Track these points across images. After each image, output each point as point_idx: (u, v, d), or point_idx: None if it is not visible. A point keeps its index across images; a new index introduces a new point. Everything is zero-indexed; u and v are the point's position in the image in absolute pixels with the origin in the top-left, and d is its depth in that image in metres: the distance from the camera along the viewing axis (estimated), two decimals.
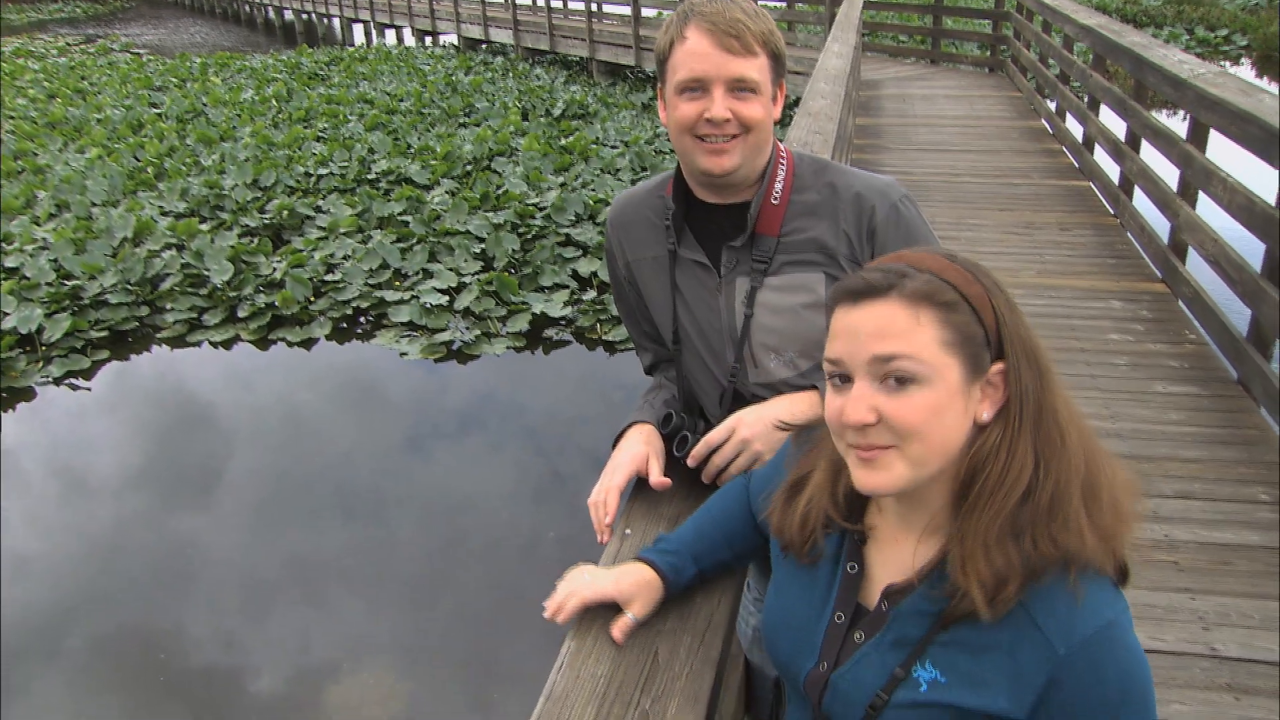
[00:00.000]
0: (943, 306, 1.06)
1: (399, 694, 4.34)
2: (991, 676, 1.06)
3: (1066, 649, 1.02)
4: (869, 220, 1.65)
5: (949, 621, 1.08)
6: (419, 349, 7.46)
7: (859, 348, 1.07)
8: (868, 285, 1.08)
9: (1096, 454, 1.11)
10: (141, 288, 8.36)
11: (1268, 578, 3.32)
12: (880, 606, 1.16)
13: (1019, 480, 1.06)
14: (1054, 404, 1.10)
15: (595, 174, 11.00)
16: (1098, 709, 1.03)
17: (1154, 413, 4.38)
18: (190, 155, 12.33)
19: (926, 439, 1.06)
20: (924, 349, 1.05)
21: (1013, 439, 1.07)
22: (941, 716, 1.09)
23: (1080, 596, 1.03)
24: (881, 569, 1.19)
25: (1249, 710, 2.79)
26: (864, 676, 1.14)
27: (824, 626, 1.20)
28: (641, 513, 1.71)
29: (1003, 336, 1.09)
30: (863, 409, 1.06)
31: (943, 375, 1.05)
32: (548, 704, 1.28)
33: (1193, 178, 5.56)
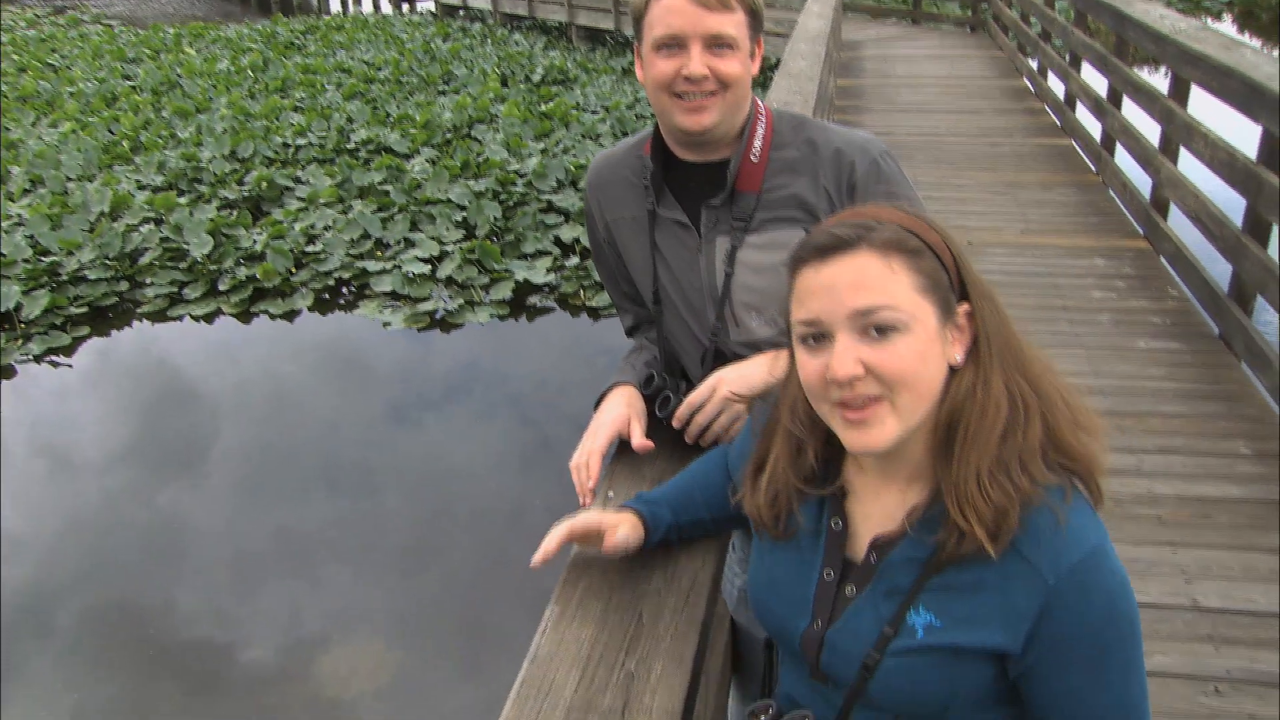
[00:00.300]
0: (911, 253, 1.07)
1: (388, 663, 4.35)
2: (985, 614, 1.07)
3: (1056, 578, 1.04)
4: (849, 176, 1.63)
5: (939, 566, 1.09)
6: (402, 319, 7.42)
7: (837, 303, 1.07)
8: (837, 239, 1.08)
9: (1060, 385, 1.14)
10: (120, 263, 8.27)
11: (1248, 530, 3.36)
12: (869, 559, 1.16)
13: (998, 417, 1.08)
14: (1016, 340, 1.12)
15: (576, 140, 10.92)
16: (1088, 631, 1.05)
17: (1136, 368, 4.41)
18: (166, 128, 12.17)
19: (914, 386, 1.06)
20: (901, 297, 1.06)
21: (986, 377, 1.09)
22: (939, 660, 1.10)
23: (1064, 524, 1.05)
24: (865, 523, 1.20)
25: (1229, 660, 2.82)
26: (859, 629, 1.15)
27: (814, 585, 1.21)
28: (624, 475, 1.70)
29: (964, 279, 1.11)
30: (849, 362, 1.05)
31: (921, 321, 1.07)
32: (532, 667, 1.28)
33: (1174, 134, 5.56)
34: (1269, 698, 2.69)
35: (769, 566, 1.27)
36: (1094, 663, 1.07)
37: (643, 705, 1.21)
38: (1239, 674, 2.77)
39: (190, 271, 8.21)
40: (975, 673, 1.10)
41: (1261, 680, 2.75)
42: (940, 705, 1.13)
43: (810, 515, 1.23)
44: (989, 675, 1.11)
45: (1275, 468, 3.67)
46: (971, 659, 1.09)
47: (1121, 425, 3.96)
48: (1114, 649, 1.07)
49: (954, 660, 1.10)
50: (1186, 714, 2.65)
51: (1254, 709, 2.66)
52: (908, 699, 1.14)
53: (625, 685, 1.25)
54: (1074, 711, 1.11)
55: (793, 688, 1.29)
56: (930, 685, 1.12)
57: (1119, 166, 6.69)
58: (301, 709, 4.16)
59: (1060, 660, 1.07)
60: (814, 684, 1.24)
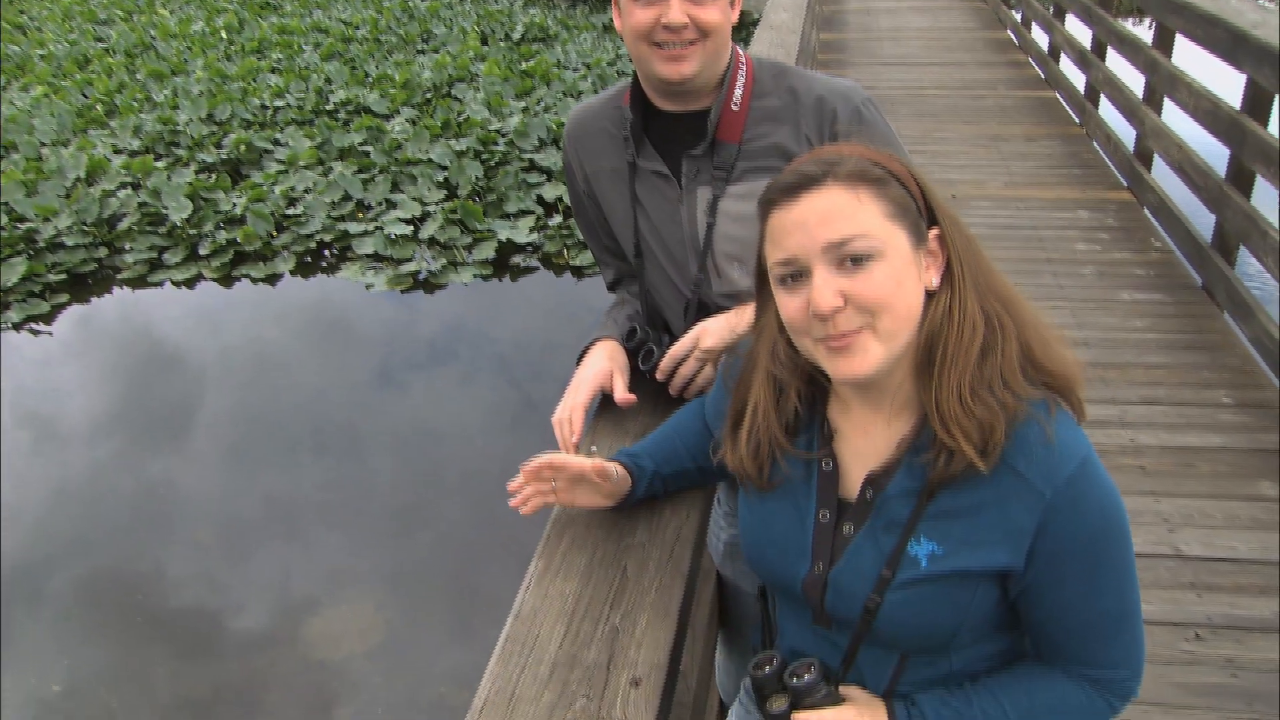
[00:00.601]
0: (877, 182, 1.08)
1: (378, 625, 4.37)
2: (986, 535, 1.09)
3: (1052, 492, 1.07)
4: (831, 124, 1.61)
5: (934, 490, 1.11)
6: (385, 280, 7.36)
7: (810, 239, 1.07)
8: (803, 177, 1.09)
9: (1029, 305, 1.16)
10: (98, 228, 8.17)
11: (1229, 479, 3.39)
12: (864, 495, 1.17)
13: (975, 336, 1.09)
14: (986, 262, 1.14)
15: (558, 98, 10.80)
16: (1084, 542, 1.08)
17: (1120, 320, 4.42)
18: (141, 91, 11.97)
19: (894, 310, 1.07)
20: (872, 225, 1.07)
21: (962, 299, 1.10)
22: (945, 587, 1.12)
23: (1053, 439, 1.07)
24: (855, 460, 1.20)
25: (1209, 606, 2.86)
26: (862, 567, 1.16)
27: (810, 529, 1.21)
28: (607, 430, 1.69)
29: (931, 204, 1.12)
30: (829, 295, 1.06)
31: (894, 246, 1.08)
32: (516, 623, 1.27)
33: (1158, 84, 5.54)
34: (1247, 641, 2.73)
35: (761, 516, 1.26)
36: (1091, 572, 1.10)
37: (628, 659, 1.21)
38: (1219, 619, 2.81)
39: (170, 236, 8.11)
40: (982, 596, 1.13)
41: (1240, 625, 2.79)
42: (948, 634, 1.15)
43: (797, 461, 1.23)
44: (994, 598, 1.13)
45: (1257, 417, 3.70)
46: (976, 582, 1.11)
47: (1105, 377, 3.97)
48: (1109, 556, 1.10)
49: (960, 585, 1.11)
50: (1167, 659, 2.68)
51: (1233, 653, 2.70)
52: (916, 631, 1.15)
53: (610, 639, 1.25)
54: (1074, 622, 1.14)
55: (795, 637, 1.29)
56: (938, 614, 1.13)
57: (1103, 118, 6.66)
58: (292, 671, 4.18)
59: (1059, 572, 1.10)
60: (817, 629, 1.25)
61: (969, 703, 1.19)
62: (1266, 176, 4.06)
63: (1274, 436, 3.58)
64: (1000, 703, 1.18)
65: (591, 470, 1.39)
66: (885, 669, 1.21)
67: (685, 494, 1.52)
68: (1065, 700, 1.18)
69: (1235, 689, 2.59)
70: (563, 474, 1.42)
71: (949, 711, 1.19)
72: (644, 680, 1.18)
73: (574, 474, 1.41)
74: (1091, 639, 1.15)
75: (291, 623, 4.42)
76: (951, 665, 1.20)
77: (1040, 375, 1.13)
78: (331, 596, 4.55)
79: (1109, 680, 1.17)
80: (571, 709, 1.14)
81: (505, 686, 1.17)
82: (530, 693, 1.16)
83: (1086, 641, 1.15)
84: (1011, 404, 1.08)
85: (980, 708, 1.18)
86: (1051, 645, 1.18)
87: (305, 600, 4.55)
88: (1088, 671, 1.17)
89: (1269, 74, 4.06)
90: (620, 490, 1.45)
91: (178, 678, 4.18)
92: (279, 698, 4.05)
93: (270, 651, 4.29)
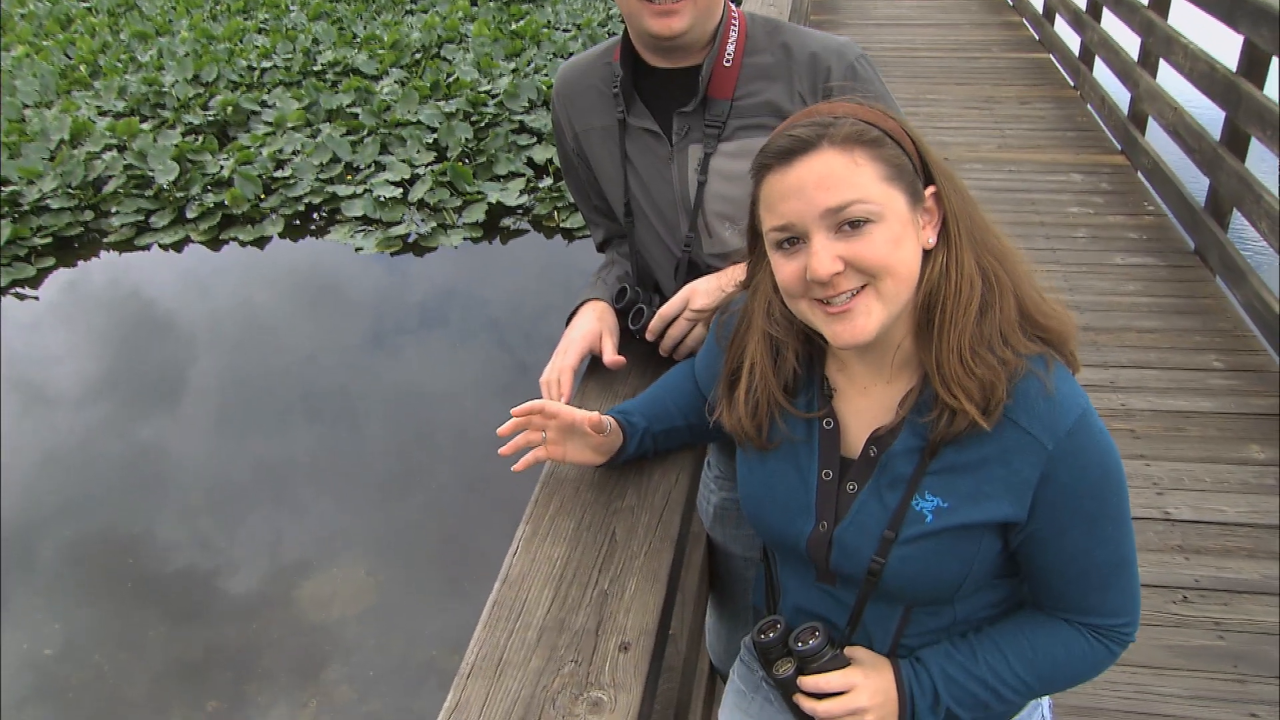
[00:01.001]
0: (872, 144, 1.07)
1: (370, 587, 4.38)
2: (990, 488, 1.10)
3: (1054, 443, 1.08)
4: (824, 81, 1.58)
5: (937, 447, 1.11)
6: (374, 243, 7.31)
7: (807, 205, 1.06)
8: (797, 141, 1.07)
9: (1023, 261, 1.17)
10: (84, 191, 8.07)
11: (1219, 443, 3.40)
12: (868, 452, 1.17)
13: (973, 294, 1.09)
14: (982, 219, 1.14)
15: (548, 58, 10.68)
16: (1084, 492, 1.10)
17: (1112, 284, 4.41)
18: (125, 51, 11.80)
19: (895, 271, 1.07)
20: (869, 188, 1.05)
21: (959, 257, 1.10)
22: (951, 541, 1.13)
23: (1053, 391, 1.08)
24: (855, 418, 1.20)
25: (1197, 569, 2.88)
26: (867, 524, 1.16)
27: (813, 486, 1.20)
28: (596, 391, 1.67)
29: (927, 163, 1.11)
30: (828, 260, 1.05)
31: (892, 208, 1.07)
32: (503, 588, 1.26)
33: (1154, 46, 5.49)
34: (1235, 604, 2.75)
35: (762, 476, 1.26)
36: (1091, 521, 1.12)
37: (617, 624, 1.20)
38: (1207, 582, 2.83)
39: (156, 199, 8.03)
40: (986, 547, 1.14)
41: (1228, 587, 2.81)
42: (954, 586, 1.16)
43: (797, 420, 1.22)
44: (997, 549, 1.15)
45: (1247, 381, 3.70)
46: (981, 533, 1.12)
47: (1096, 341, 3.97)
48: (1108, 506, 1.12)
49: (965, 538, 1.12)
50: (1155, 622, 2.70)
51: (1219, 615, 2.72)
52: (924, 584, 1.16)
53: (599, 604, 1.24)
54: (1074, 571, 1.15)
55: (799, 596, 1.29)
56: (945, 567, 1.14)
57: (1097, 80, 6.61)
58: (283, 635, 4.19)
59: (1061, 522, 1.11)
60: (821, 587, 1.25)
61: (973, 657, 1.20)
62: (1262, 139, 4.03)
63: (1264, 400, 3.58)
64: (1004, 655, 1.20)
65: (585, 421, 1.37)
66: (890, 623, 1.23)
67: (674, 457, 1.51)
68: (1068, 649, 1.20)
69: (1222, 651, 2.61)
70: (554, 422, 1.40)
71: (954, 667, 1.20)
72: (633, 645, 1.17)
73: (565, 424, 1.39)
74: (1092, 587, 1.17)
75: (283, 586, 4.42)
76: (955, 614, 1.22)
77: (1036, 330, 1.13)
78: (323, 560, 4.55)
79: (1108, 628, 1.19)
80: (559, 674, 1.13)
81: (493, 652, 1.16)
82: (518, 658, 1.16)
83: (1087, 590, 1.17)
84: (1012, 360, 1.08)
85: (985, 661, 1.20)
86: (1052, 594, 1.19)
87: (297, 563, 4.55)
88: (1088, 620, 1.19)
89: (1267, 35, 4.02)
90: (612, 445, 1.43)
91: (170, 641, 4.19)
92: (271, 661, 4.06)
93: (262, 615, 4.29)
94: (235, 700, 3.89)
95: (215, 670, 4.04)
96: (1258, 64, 4.22)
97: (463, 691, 1.11)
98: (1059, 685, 1.23)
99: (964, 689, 1.20)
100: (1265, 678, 2.53)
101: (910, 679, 1.20)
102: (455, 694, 1.11)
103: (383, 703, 3.86)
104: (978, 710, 1.22)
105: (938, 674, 1.20)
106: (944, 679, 1.20)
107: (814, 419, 1.21)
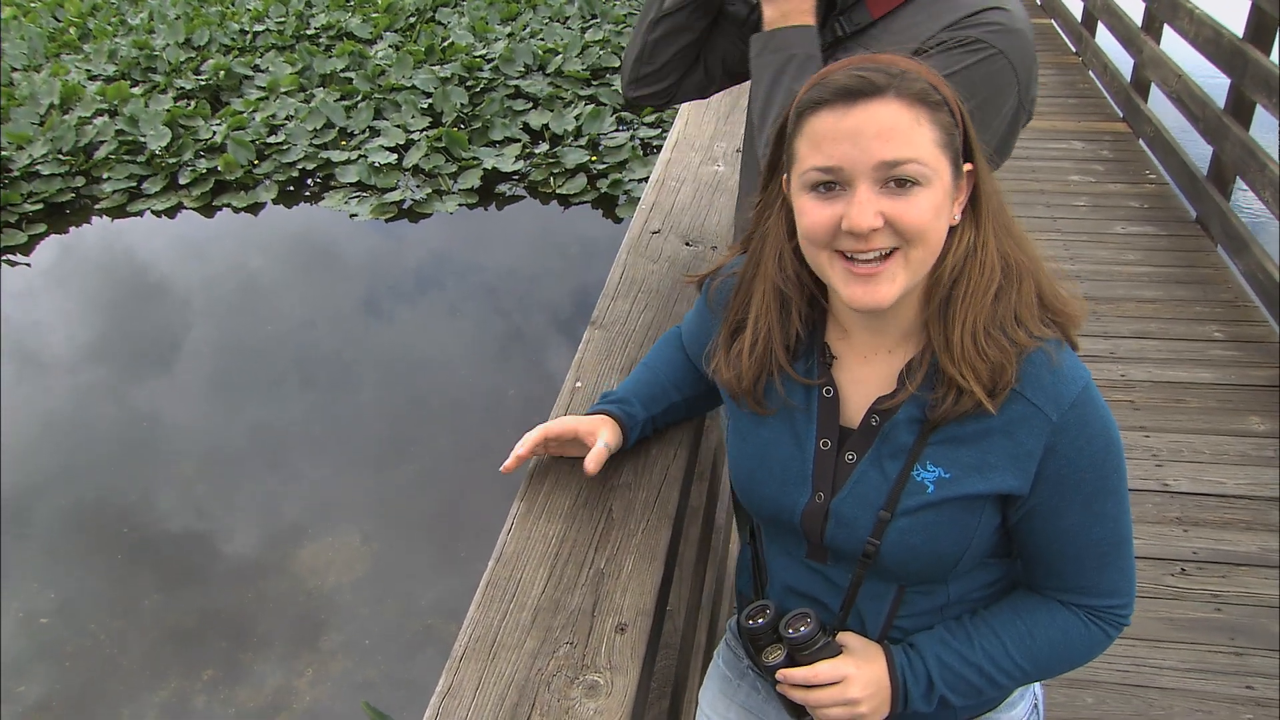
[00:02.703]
0: (934, 106, 1.03)
1: (364, 555, 4.37)
2: (994, 459, 1.08)
3: (1059, 416, 1.06)
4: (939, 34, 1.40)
5: (940, 421, 1.09)
6: (369, 209, 7.26)
7: (863, 152, 1.01)
8: (866, 84, 1.01)
9: (1036, 246, 1.15)
10: (74, 157, 8.00)
11: (1218, 414, 3.38)
12: (870, 421, 1.14)
13: (994, 276, 1.07)
14: (1004, 204, 1.12)
15: (544, 23, 10.57)
16: (1086, 466, 1.08)
17: (1112, 253, 4.37)
18: (115, 14, 11.66)
19: (928, 240, 1.04)
20: (926, 151, 1.01)
21: (984, 238, 1.08)
22: (953, 512, 1.10)
23: (1058, 364, 1.07)
24: (854, 387, 1.16)
25: (1195, 541, 2.87)
26: (867, 494, 1.13)
27: (811, 456, 1.17)
28: (591, 365, 1.64)
29: (969, 139, 1.07)
30: (870, 214, 1.01)
31: (940, 176, 1.03)
32: (498, 566, 1.23)
33: (1158, 10, 5.42)
34: (1233, 576, 2.74)
35: (756, 445, 1.21)
36: (1091, 497, 1.10)
37: (613, 604, 1.18)
38: (1205, 554, 2.82)
39: (149, 165, 7.96)
40: (986, 521, 1.12)
41: (1226, 560, 2.80)
42: (953, 560, 1.13)
43: (795, 386, 1.19)
44: (995, 523, 1.13)
45: (1248, 352, 3.68)
46: (982, 505, 1.11)
47: (1097, 310, 3.94)
48: (1109, 480, 1.10)
49: (966, 510, 1.10)
50: (1153, 595, 2.69)
51: (1217, 588, 2.71)
52: (923, 558, 1.13)
53: (595, 583, 1.21)
54: (1073, 549, 1.13)
55: (788, 575, 1.26)
56: (944, 539, 1.12)
57: (1100, 46, 6.54)
58: (279, 602, 4.19)
59: (1062, 497, 1.10)
60: (811, 565, 1.22)
61: (970, 643, 1.18)
62: (1267, 107, 3.98)
63: (1264, 372, 3.56)
64: (1001, 641, 1.17)
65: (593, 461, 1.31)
66: (883, 603, 1.19)
67: (672, 433, 1.48)
68: (1066, 633, 1.18)
69: (1219, 623, 2.61)
70: (556, 441, 1.37)
71: (949, 653, 1.17)
72: (630, 626, 1.15)
73: (569, 438, 1.36)
74: (1089, 566, 1.15)
75: (279, 554, 4.42)
76: (949, 594, 1.19)
77: (1046, 314, 1.11)
78: (319, 527, 4.55)
79: (1104, 609, 1.17)
80: (555, 656, 1.11)
81: (486, 633, 1.14)
82: (512, 639, 1.13)
83: (1084, 569, 1.15)
84: (1026, 342, 1.06)
85: (981, 647, 1.17)
86: (1049, 573, 1.17)
87: (292, 531, 4.54)
88: (1084, 600, 1.17)
89: None
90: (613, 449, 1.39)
91: (165, 608, 4.19)
92: (266, 629, 4.07)
93: (258, 583, 4.29)
94: (231, 668, 3.89)
95: (211, 638, 4.05)
96: (1265, 30, 4.17)
97: (455, 675, 1.09)
98: (1054, 671, 1.21)
99: (959, 676, 1.17)
100: (1262, 650, 2.53)
101: (904, 666, 1.18)
102: (448, 678, 1.09)
103: (378, 671, 3.86)
104: (972, 697, 1.20)
105: (932, 661, 1.17)
106: (939, 666, 1.17)
107: (813, 386, 1.18)
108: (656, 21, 1.62)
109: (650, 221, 2.14)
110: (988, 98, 1.36)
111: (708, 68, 1.72)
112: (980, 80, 1.35)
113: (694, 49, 1.68)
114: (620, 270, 1.94)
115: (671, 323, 1.72)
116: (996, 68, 1.36)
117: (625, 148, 7.68)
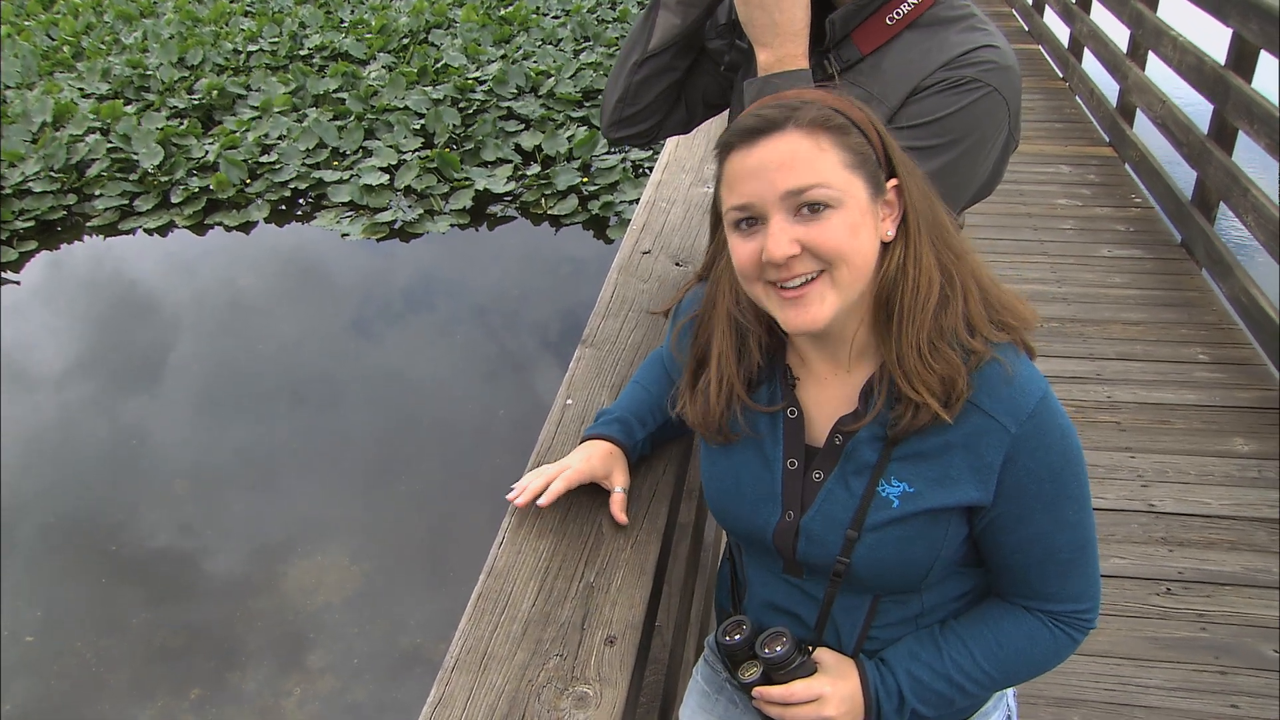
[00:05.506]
0: (837, 130, 1.06)
1: (354, 575, 4.36)
2: (956, 473, 1.11)
3: (1018, 427, 1.08)
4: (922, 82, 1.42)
5: (898, 438, 1.11)
6: (360, 229, 7.27)
7: (768, 186, 1.05)
8: (764, 121, 1.06)
9: (980, 259, 1.17)
10: (67, 175, 8.00)
11: (1203, 435, 3.41)
12: (833, 440, 1.17)
13: (931, 290, 1.09)
14: (941, 215, 1.13)
15: (536, 45, 10.63)
16: (1046, 475, 1.10)
17: (1099, 276, 4.42)
18: (110, 33, 11.70)
19: (850, 259, 1.06)
20: (831, 174, 1.05)
21: (917, 252, 1.10)
22: (919, 526, 1.13)
23: (1013, 376, 1.09)
24: (817, 408, 1.19)
25: (1180, 561, 2.89)
26: (834, 511, 1.16)
27: (778, 476, 1.20)
28: (582, 383, 1.66)
29: (890, 156, 1.11)
30: (785, 243, 1.05)
31: (852, 196, 1.06)
32: (488, 580, 1.25)
33: (1143, 38, 5.49)
34: (1218, 596, 2.76)
35: (726, 468, 1.25)
36: (1052, 504, 1.12)
37: (603, 618, 1.20)
38: (1190, 574, 2.84)
39: (141, 183, 7.96)
40: (953, 532, 1.14)
41: (1211, 580, 2.82)
42: (924, 571, 1.16)
43: (758, 415, 1.21)
44: (963, 534, 1.15)
45: (1232, 374, 3.71)
46: (948, 518, 1.13)
47: (1083, 333, 3.98)
48: (1069, 487, 1.12)
49: (932, 523, 1.13)
50: (1139, 614, 2.71)
51: (1203, 608, 2.73)
52: (893, 571, 1.16)
53: (585, 597, 1.23)
54: (1037, 555, 1.15)
55: (767, 590, 1.28)
56: (913, 552, 1.14)
57: (1086, 72, 6.62)
58: (267, 622, 4.17)
59: (1024, 505, 1.12)
60: (788, 579, 1.24)
61: (939, 654, 1.20)
62: (1249, 133, 4.04)
63: (1248, 394, 3.60)
64: (970, 650, 1.20)
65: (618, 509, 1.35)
66: (858, 614, 1.22)
67: (662, 450, 1.50)
68: (1032, 639, 1.20)
69: (1205, 643, 2.62)
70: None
71: (919, 667, 1.20)
72: (619, 639, 1.16)
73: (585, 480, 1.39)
74: (1052, 573, 1.17)
75: (266, 573, 4.40)
76: (923, 604, 1.22)
77: (995, 318, 1.13)
78: (307, 546, 4.53)
79: (1069, 614, 1.20)
80: (544, 668, 1.13)
81: (477, 645, 1.15)
82: (503, 651, 1.15)
83: (1047, 575, 1.17)
84: (981, 349, 1.08)
85: (950, 658, 1.20)
86: (1014, 580, 1.20)
87: (281, 550, 4.53)
88: (1049, 606, 1.19)
89: (1255, 28, 4.02)
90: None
91: (152, 627, 4.17)
92: (254, 647, 4.05)
93: (245, 602, 4.27)
94: (218, 687, 3.87)
95: (198, 657, 4.02)
96: (1246, 57, 4.23)
97: (446, 686, 1.10)
98: (1022, 677, 1.24)
99: (929, 689, 1.20)
100: (1247, 670, 2.54)
101: (876, 683, 1.20)
102: (439, 688, 1.10)
103: (366, 691, 3.85)
104: (943, 707, 1.22)
105: (903, 676, 1.20)
106: (909, 680, 1.20)
107: (777, 413, 1.20)
108: (641, 63, 1.63)
109: (641, 242, 2.17)
110: (984, 133, 1.41)
111: (689, 104, 1.74)
112: (977, 117, 1.40)
113: (676, 89, 1.70)
114: (611, 289, 1.97)
115: (661, 341, 1.74)
116: (992, 104, 1.41)
117: (617, 169, 7.72)
